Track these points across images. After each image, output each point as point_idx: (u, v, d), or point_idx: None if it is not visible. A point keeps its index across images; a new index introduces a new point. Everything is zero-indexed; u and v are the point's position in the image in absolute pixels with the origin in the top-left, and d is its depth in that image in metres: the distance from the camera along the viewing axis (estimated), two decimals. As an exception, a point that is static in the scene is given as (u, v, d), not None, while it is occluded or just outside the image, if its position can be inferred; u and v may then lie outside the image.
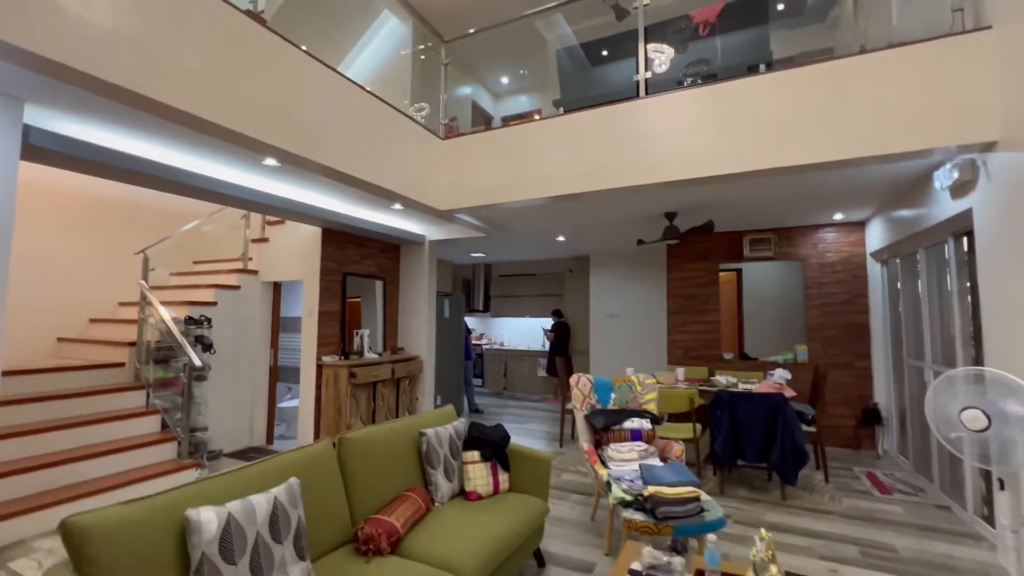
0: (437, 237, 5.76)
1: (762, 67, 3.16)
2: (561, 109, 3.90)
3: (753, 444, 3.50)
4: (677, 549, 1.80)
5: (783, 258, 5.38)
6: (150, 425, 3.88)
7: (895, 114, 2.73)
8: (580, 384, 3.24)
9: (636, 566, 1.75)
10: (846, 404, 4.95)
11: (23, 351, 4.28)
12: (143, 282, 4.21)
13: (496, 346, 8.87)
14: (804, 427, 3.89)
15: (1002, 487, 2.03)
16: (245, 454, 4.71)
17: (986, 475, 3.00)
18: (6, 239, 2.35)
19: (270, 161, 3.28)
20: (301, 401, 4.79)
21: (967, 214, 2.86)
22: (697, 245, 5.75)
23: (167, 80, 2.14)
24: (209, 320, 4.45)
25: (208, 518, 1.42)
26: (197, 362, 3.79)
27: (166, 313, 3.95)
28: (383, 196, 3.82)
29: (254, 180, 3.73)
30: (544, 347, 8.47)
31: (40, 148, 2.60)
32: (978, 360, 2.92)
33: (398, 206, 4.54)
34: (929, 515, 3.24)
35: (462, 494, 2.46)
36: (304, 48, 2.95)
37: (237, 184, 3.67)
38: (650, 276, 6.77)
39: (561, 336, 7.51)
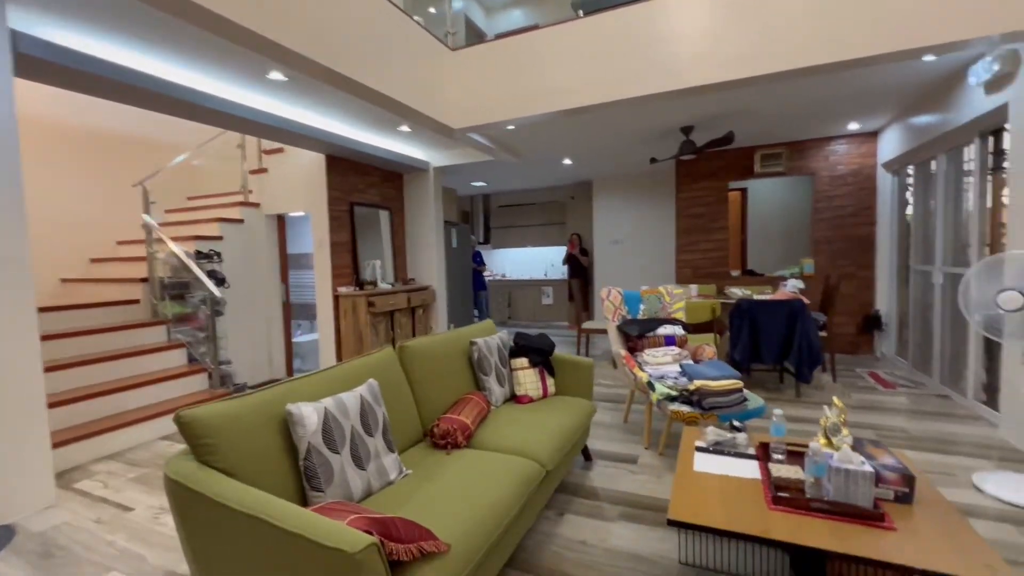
0: (441, 163, 5.57)
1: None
2: (580, 12, 3.63)
3: (770, 348, 3.66)
4: (738, 428, 1.93)
5: (794, 172, 5.36)
6: (176, 359, 3.87)
7: (937, 2, 2.61)
8: (611, 296, 3.30)
9: (701, 443, 1.87)
10: (847, 312, 5.17)
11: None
12: (147, 216, 4.04)
13: (498, 277, 8.89)
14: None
15: (1028, 361, 2.18)
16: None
17: (988, 365, 3.23)
18: (13, 151, 2.20)
19: (275, 75, 3.06)
20: (320, 332, 4.81)
21: (1002, 109, 2.84)
22: (707, 163, 5.67)
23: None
24: (219, 254, 4.33)
25: (308, 412, 1.45)
26: (218, 294, 3.73)
27: (178, 248, 3.83)
28: (395, 111, 3.62)
29: (256, 99, 3.49)
30: (545, 276, 8.54)
31: (31, 58, 2.37)
32: (998, 254, 3.03)
33: (405, 128, 4.33)
34: (931, 403, 3.50)
35: (513, 398, 2.56)
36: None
37: (238, 103, 3.44)
38: (656, 198, 6.73)
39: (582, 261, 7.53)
